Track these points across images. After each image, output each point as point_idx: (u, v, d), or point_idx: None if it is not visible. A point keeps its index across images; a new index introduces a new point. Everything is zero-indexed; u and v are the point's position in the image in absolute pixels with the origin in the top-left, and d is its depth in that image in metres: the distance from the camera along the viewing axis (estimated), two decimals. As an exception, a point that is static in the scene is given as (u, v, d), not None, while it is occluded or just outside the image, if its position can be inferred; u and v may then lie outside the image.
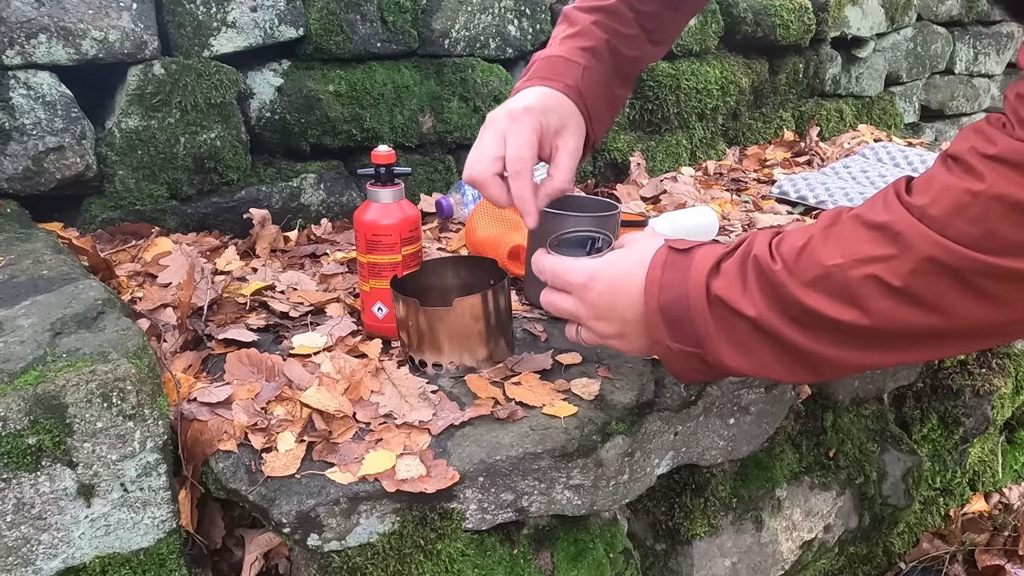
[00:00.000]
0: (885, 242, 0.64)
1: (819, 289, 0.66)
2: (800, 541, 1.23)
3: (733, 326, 0.71)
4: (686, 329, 0.73)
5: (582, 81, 0.97)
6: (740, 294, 0.70)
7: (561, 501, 0.91)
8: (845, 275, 0.65)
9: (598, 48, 1.01)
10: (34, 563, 0.76)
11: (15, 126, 1.24)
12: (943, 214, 0.62)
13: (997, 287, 0.62)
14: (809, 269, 0.66)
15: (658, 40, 1.07)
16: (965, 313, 0.64)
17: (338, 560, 0.83)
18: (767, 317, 0.69)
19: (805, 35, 2.16)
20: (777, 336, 0.69)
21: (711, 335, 0.71)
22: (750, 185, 1.90)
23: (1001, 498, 1.59)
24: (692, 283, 0.72)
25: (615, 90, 1.04)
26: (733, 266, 0.71)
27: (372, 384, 0.96)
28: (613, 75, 1.03)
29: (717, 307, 0.71)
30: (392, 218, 1.04)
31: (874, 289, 0.64)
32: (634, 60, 1.06)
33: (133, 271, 1.23)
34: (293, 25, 1.46)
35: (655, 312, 0.74)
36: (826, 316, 0.66)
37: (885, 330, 0.66)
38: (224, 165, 1.44)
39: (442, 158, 1.70)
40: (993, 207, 0.60)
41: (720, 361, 0.72)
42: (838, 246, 0.66)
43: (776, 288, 0.68)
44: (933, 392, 1.41)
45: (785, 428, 1.17)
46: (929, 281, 0.63)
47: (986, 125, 0.63)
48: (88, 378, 0.75)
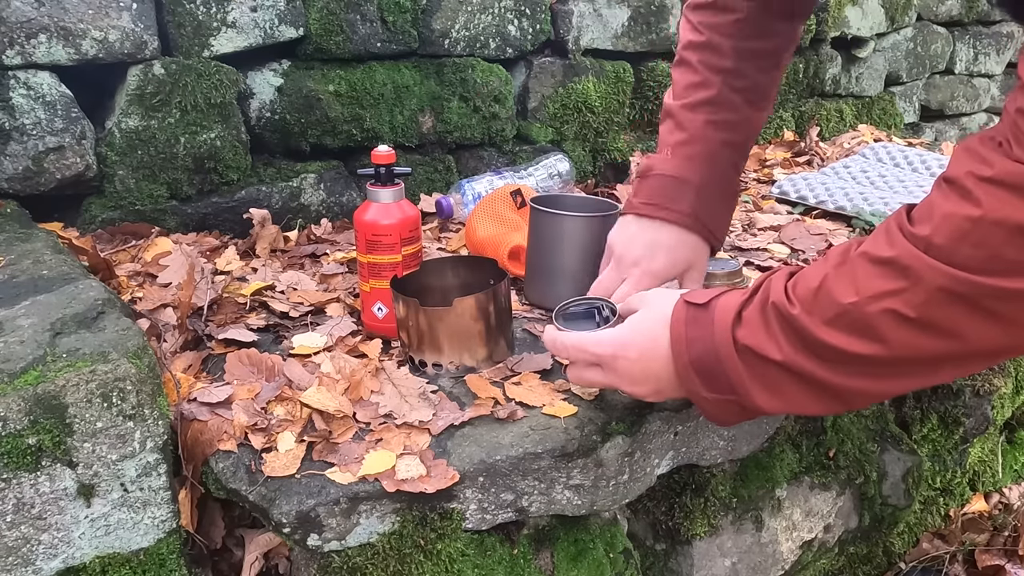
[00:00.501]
0: (895, 276, 0.66)
1: (838, 327, 0.68)
2: (800, 541, 1.23)
3: (763, 371, 0.73)
4: (719, 379, 0.76)
5: (699, 203, 0.99)
6: (765, 340, 0.73)
7: (561, 501, 0.91)
8: (862, 311, 0.67)
9: (712, 151, 1.00)
10: (34, 563, 0.76)
11: (15, 126, 1.24)
12: (947, 243, 0.63)
13: (1006, 307, 0.64)
14: (828, 309, 0.69)
15: (763, 106, 1.05)
16: (977, 335, 0.65)
17: (338, 560, 0.83)
18: (793, 359, 0.71)
19: (805, 35, 2.17)
20: (805, 375, 0.72)
21: (743, 382, 0.75)
22: (750, 185, 1.90)
23: (1001, 498, 1.59)
24: (718, 336, 0.75)
25: (732, 184, 1.04)
26: (754, 314, 0.74)
27: (372, 384, 0.96)
28: (731, 171, 1.03)
29: (745, 355, 0.74)
30: (392, 218, 1.04)
31: (891, 322, 0.66)
32: (747, 140, 1.05)
33: (133, 271, 1.23)
34: (293, 25, 1.46)
35: (686, 367, 0.78)
36: (848, 352, 0.68)
37: (905, 358, 0.68)
38: (224, 165, 1.44)
39: (442, 158, 1.70)
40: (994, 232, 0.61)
41: (754, 404, 0.75)
42: (852, 284, 0.68)
43: (798, 331, 0.71)
44: (933, 392, 1.41)
45: (785, 428, 1.17)
46: (942, 309, 0.65)
47: (980, 146, 0.64)
48: (88, 378, 0.75)
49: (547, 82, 1.79)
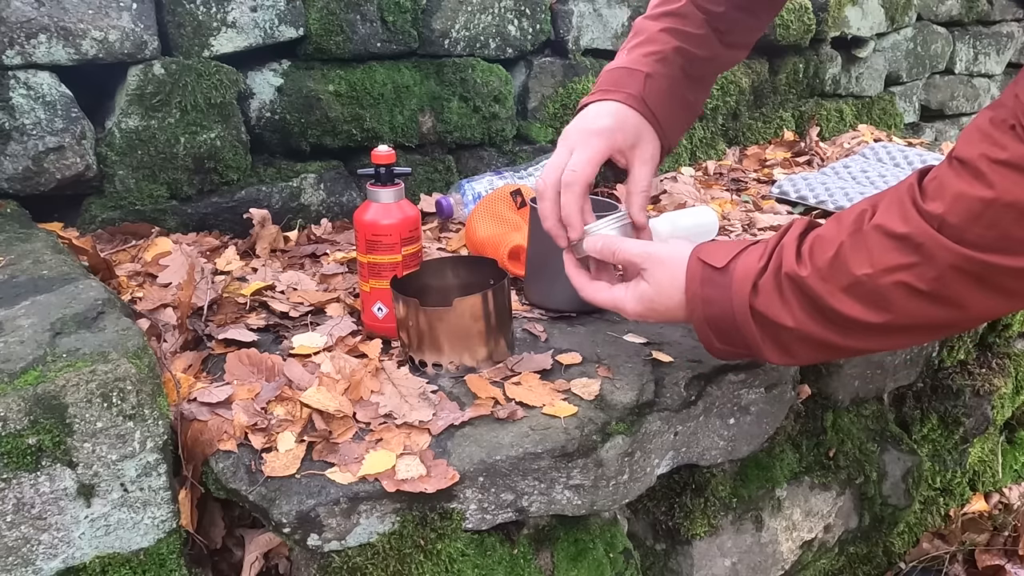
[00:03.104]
0: (909, 252, 0.70)
1: (852, 295, 0.73)
2: (800, 541, 1.23)
3: (776, 334, 0.80)
4: (734, 338, 0.83)
5: (645, 89, 0.99)
6: (780, 308, 0.78)
7: (561, 501, 0.91)
8: (876, 283, 0.72)
9: (664, 52, 1.02)
10: (34, 563, 0.76)
11: (15, 126, 1.24)
12: (960, 222, 0.67)
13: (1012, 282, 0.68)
14: (842, 278, 0.73)
15: (732, 43, 1.06)
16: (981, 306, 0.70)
17: (338, 560, 0.83)
18: (806, 325, 0.77)
19: (805, 35, 2.16)
20: (817, 340, 0.77)
21: (758, 343, 0.81)
22: (750, 185, 1.90)
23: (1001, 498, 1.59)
24: (736, 303, 0.81)
25: (686, 94, 1.05)
26: (769, 283, 0.79)
27: (372, 384, 0.96)
28: (683, 78, 1.03)
29: (760, 321, 0.80)
30: (392, 218, 1.04)
31: (903, 293, 0.71)
32: (706, 61, 1.05)
33: (133, 271, 1.23)
34: (293, 25, 1.46)
35: (701, 323, 0.85)
36: (858, 320, 0.74)
37: (909, 325, 0.73)
38: (224, 165, 1.44)
39: (442, 158, 1.70)
40: (1006, 213, 0.65)
41: (764, 358, 0.83)
42: (867, 256, 0.72)
43: (811, 298, 0.76)
44: (933, 392, 1.41)
45: (785, 428, 1.17)
46: (952, 284, 0.69)
47: (993, 129, 0.66)
48: (88, 378, 0.75)
49: (547, 82, 1.79)
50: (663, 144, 1.03)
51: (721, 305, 0.82)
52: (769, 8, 1.12)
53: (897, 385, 1.32)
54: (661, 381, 1.02)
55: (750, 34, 1.11)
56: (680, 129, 1.07)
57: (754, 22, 1.09)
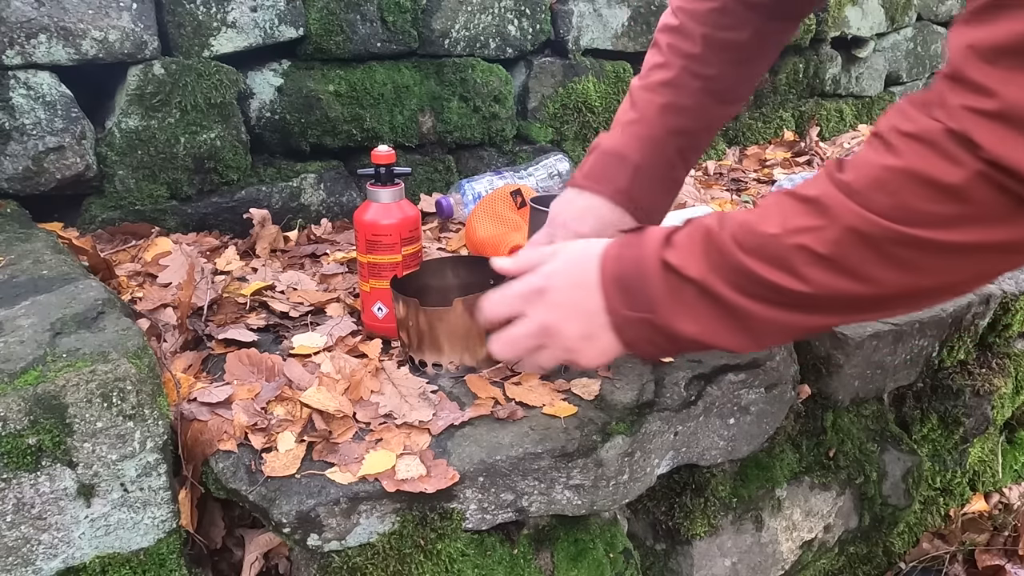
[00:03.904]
0: (814, 214, 0.70)
1: (758, 256, 0.72)
2: (800, 541, 1.23)
3: (681, 290, 0.75)
4: (639, 296, 0.77)
5: (633, 184, 0.99)
6: (687, 257, 0.75)
7: (561, 501, 0.91)
8: (780, 243, 0.71)
9: (658, 136, 1.00)
10: (34, 563, 0.76)
11: (15, 126, 1.24)
12: (864, 188, 0.68)
13: (908, 254, 0.67)
14: (751, 238, 0.72)
15: (728, 100, 1.05)
16: (883, 280, 0.69)
17: (338, 560, 0.83)
18: (710, 280, 0.74)
19: (805, 35, 2.16)
20: (719, 298, 0.74)
21: (662, 299, 0.76)
22: (750, 185, 1.90)
23: (1001, 498, 1.59)
24: (646, 252, 0.77)
25: (676, 174, 1.04)
26: (683, 237, 0.77)
27: (372, 384, 0.96)
28: (676, 160, 1.02)
29: (668, 273, 0.76)
30: (392, 218, 1.04)
31: (805, 257, 0.70)
32: (702, 130, 1.04)
33: (133, 271, 1.23)
34: (293, 25, 1.46)
35: (611, 284, 0.78)
36: (764, 279, 0.71)
37: (819, 296, 0.71)
38: (224, 165, 1.44)
39: (442, 158, 1.70)
40: (906, 181, 0.66)
41: (670, 325, 0.76)
42: (777, 218, 0.72)
43: (720, 254, 0.73)
44: (933, 392, 1.41)
45: (785, 428, 1.17)
46: (850, 250, 0.68)
47: (908, 106, 0.68)
48: (88, 378, 0.75)
49: (547, 82, 1.79)
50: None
51: (631, 259, 0.78)
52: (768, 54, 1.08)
53: (897, 385, 1.32)
54: (661, 381, 1.02)
55: (745, 88, 1.09)
56: (666, 205, 1.06)
57: (752, 72, 1.07)
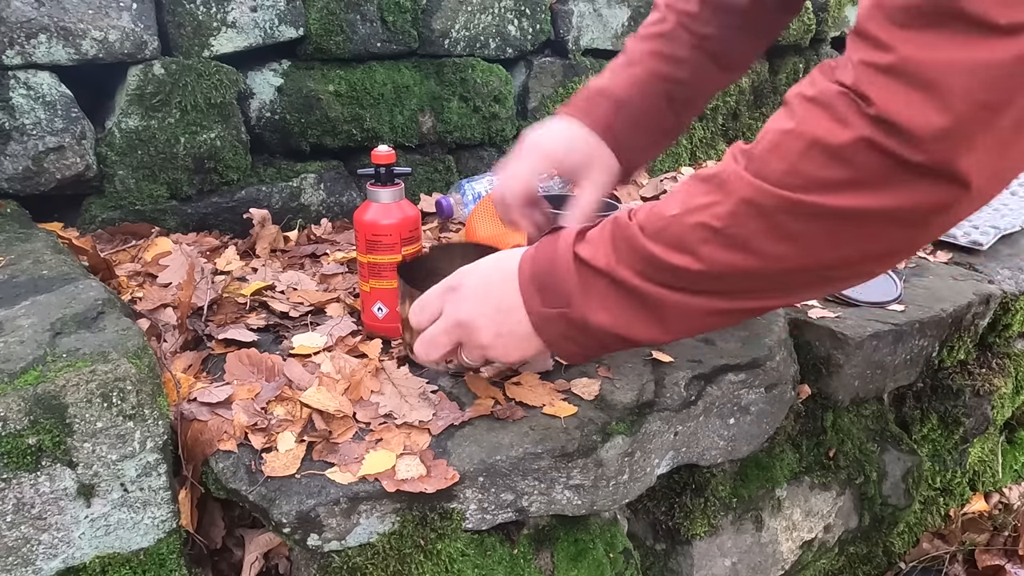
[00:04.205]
0: (713, 190, 0.69)
1: (660, 239, 0.71)
2: (800, 541, 1.23)
3: (593, 282, 0.75)
4: (554, 291, 0.77)
5: (616, 118, 0.99)
6: (596, 250, 0.75)
7: (561, 501, 0.91)
8: (680, 223, 0.70)
9: (645, 79, 1.00)
10: (34, 563, 0.76)
11: (15, 126, 1.24)
12: (761, 154, 0.66)
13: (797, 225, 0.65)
14: (655, 222, 0.72)
15: (726, 65, 1.05)
16: (775, 253, 0.67)
17: (338, 560, 0.83)
18: (618, 269, 0.73)
19: (805, 35, 2.16)
20: (627, 286, 0.73)
21: (575, 292, 0.76)
22: (750, 185, 1.89)
23: (1001, 498, 1.59)
24: (560, 249, 0.77)
25: (663, 121, 1.03)
26: (596, 230, 0.77)
27: (372, 384, 0.96)
28: (664, 106, 1.02)
29: (580, 266, 0.76)
30: (392, 218, 1.04)
31: (702, 234, 0.69)
32: (695, 85, 1.04)
33: (133, 271, 1.23)
34: (293, 25, 1.46)
35: (528, 282, 0.78)
36: (665, 262, 0.71)
37: (714, 274, 0.70)
38: (224, 165, 1.44)
39: (442, 158, 1.70)
40: (797, 144, 0.63)
41: (584, 318, 0.76)
42: (679, 199, 0.71)
43: (626, 241, 0.73)
44: (933, 392, 1.41)
45: (785, 428, 1.17)
46: (743, 221, 0.67)
47: (817, 71, 0.67)
48: (88, 378, 0.75)
49: (547, 82, 1.79)
50: (626, 168, 1.02)
51: (545, 257, 0.78)
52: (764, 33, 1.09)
53: (897, 385, 1.32)
54: (661, 381, 1.02)
55: (745, 57, 1.09)
56: (651, 152, 1.06)
57: (749, 44, 1.07)
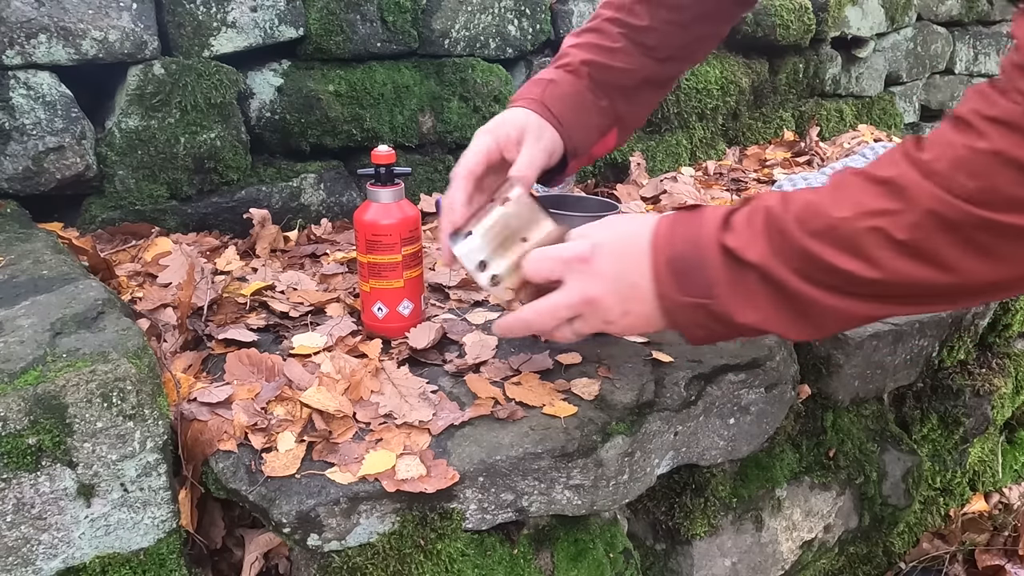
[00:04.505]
0: (891, 196, 0.66)
1: (825, 240, 0.68)
2: (800, 541, 1.23)
3: (741, 276, 0.72)
4: (696, 280, 0.73)
5: (545, 93, 1.00)
6: (747, 241, 0.71)
7: (561, 501, 0.91)
8: (852, 227, 0.67)
9: (571, 63, 1.04)
10: (34, 563, 0.76)
11: (15, 126, 1.24)
12: (945, 169, 0.64)
13: (994, 242, 0.64)
14: (818, 220, 0.69)
15: (662, 58, 1.06)
16: (965, 268, 0.66)
17: (338, 560, 0.83)
18: (771, 264, 0.70)
19: (805, 35, 2.16)
20: (780, 284, 0.70)
21: (721, 285, 0.72)
22: (750, 185, 1.90)
23: (1001, 498, 1.59)
24: (705, 234, 0.73)
25: (598, 100, 1.05)
26: (742, 218, 0.73)
27: (372, 384, 0.96)
28: (591, 86, 1.04)
29: (727, 257, 0.72)
30: (392, 218, 1.04)
31: (879, 241, 0.66)
32: (625, 72, 1.05)
33: (133, 271, 1.23)
34: (293, 25, 1.46)
35: (663, 265, 0.75)
36: (831, 264, 0.68)
37: (891, 283, 0.68)
38: (224, 165, 1.44)
39: (442, 158, 1.70)
40: (992, 163, 0.63)
41: (728, 313, 0.73)
42: (847, 200, 0.68)
43: (783, 236, 0.70)
44: (933, 392, 1.41)
45: (785, 428, 1.17)
46: (931, 235, 0.65)
47: (988, 88, 0.66)
48: (88, 378, 0.75)
49: (547, 82, 1.79)
50: (566, 144, 1.01)
51: (688, 241, 0.74)
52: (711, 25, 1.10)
53: (897, 385, 1.32)
54: (661, 381, 1.02)
55: (688, 50, 1.10)
56: (592, 133, 1.06)
57: (690, 37, 1.08)
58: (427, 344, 1.05)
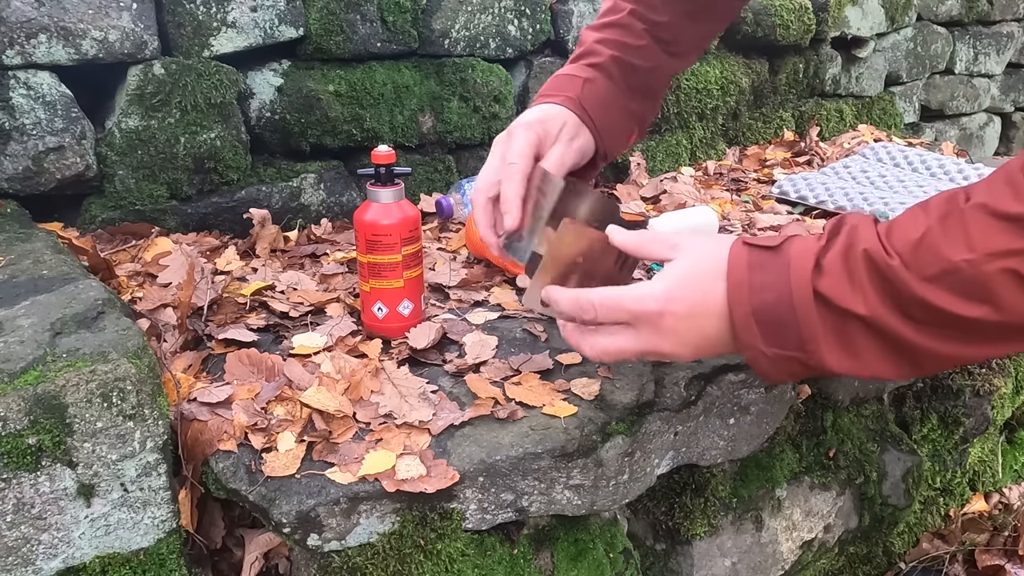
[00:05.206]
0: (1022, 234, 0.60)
1: (944, 285, 0.62)
2: (800, 541, 1.23)
3: (841, 327, 0.66)
4: (787, 333, 0.68)
5: (582, 92, 0.98)
6: (849, 292, 0.65)
7: (561, 501, 0.91)
8: (978, 270, 0.61)
9: (603, 63, 1.01)
10: (34, 563, 0.76)
11: (15, 126, 1.24)
12: None
13: None
14: (932, 264, 0.62)
15: (676, 52, 1.06)
16: None
17: (338, 560, 0.83)
18: (881, 315, 0.65)
19: (805, 35, 2.16)
20: (891, 335, 0.65)
21: (816, 338, 0.67)
22: (750, 185, 1.90)
23: (1001, 498, 1.59)
24: (795, 283, 0.67)
25: (629, 104, 1.04)
26: (837, 262, 0.67)
27: (372, 384, 0.96)
28: (624, 88, 1.03)
29: (823, 307, 0.66)
30: (392, 218, 1.04)
31: (1011, 283, 0.60)
32: (649, 71, 1.05)
33: (133, 271, 1.23)
34: (293, 25, 1.46)
35: (746, 317, 0.69)
36: (951, 313, 0.62)
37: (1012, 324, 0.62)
38: (224, 165, 1.44)
39: (442, 158, 1.70)
40: None
41: (822, 363, 0.68)
42: (964, 239, 0.62)
43: (893, 284, 0.64)
44: (933, 392, 1.41)
45: (785, 428, 1.17)
46: None
47: None
48: (88, 378, 0.75)
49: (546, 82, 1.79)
50: (599, 146, 1.00)
51: (775, 290, 0.67)
52: (716, 18, 1.11)
53: (897, 385, 1.32)
54: (661, 381, 1.02)
55: (696, 43, 1.10)
56: (622, 136, 1.05)
57: (701, 30, 1.08)
58: (427, 344, 1.05)
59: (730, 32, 2.05)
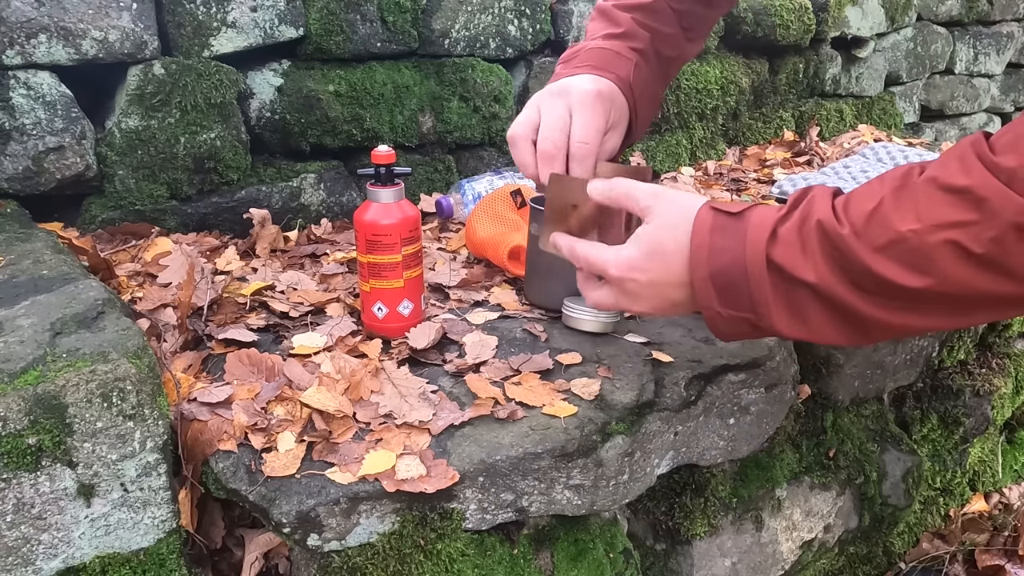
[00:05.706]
0: (968, 207, 0.61)
1: (891, 255, 0.64)
2: (800, 541, 1.23)
3: (791, 292, 0.69)
4: (740, 296, 0.71)
5: (634, 77, 0.97)
6: (800, 259, 0.68)
7: (561, 501, 0.91)
8: (921, 240, 0.62)
9: (644, 49, 1.00)
10: (34, 563, 0.76)
11: (15, 126, 1.24)
12: None
13: None
14: (881, 234, 0.64)
15: (693, 37, 1.06)
16: None
17: (338, 560, 0.83)
18: (830, 284, 0.67)
19: (805, 35, 2.16)
20: (839, 303, 0.67)
21: (767, 302, 0.70)
22: (750, 185, 1.90)
23: (1001, 498, 1.59)
24: (750, 250, 0.70)
25: (657, 91, 1.04)
26: (792, 231, 0.69)
27: (372, 384, 0.96)
28: (658, 75, 1.03)
29: (776, 274, 0.69)
30: (392, 218, 1.04)
31: (952, 255, 0.62)
32: (673, 60, 1.05)
33: (133, 271, 1.23)
34: (293, 25, 1.46)
35: (704, 279, 0.73)
36: (896, 283, 0.64)
37: (954, 295, 0.64)
38: (224, 165, 1.44)
39: (442, 158, 1.70)
40: None
41: (771, 325, 0.71)
42: (913, 210, 0.63)
43: (843, 253, 0.66)
44: (933, 392, 1.41)
45: (785, 428, 1.17)
46: (1011, 248, 0.61)
47: None
48: (88, 378, 0.75)
49: (547, 82, 1.79)
50: (630, 129, 1.00)
51: (731, 253, 0.70)
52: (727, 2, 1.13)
53: (897, 385, 1.32)
54: (661, 381, 1.02)
55: (707, 29, 1.12)
56: (647, 123, 1.04)
57: (711, 15, 1.10)
58: (427, 344, 1.05)
59: (730, 32, 2.05)
